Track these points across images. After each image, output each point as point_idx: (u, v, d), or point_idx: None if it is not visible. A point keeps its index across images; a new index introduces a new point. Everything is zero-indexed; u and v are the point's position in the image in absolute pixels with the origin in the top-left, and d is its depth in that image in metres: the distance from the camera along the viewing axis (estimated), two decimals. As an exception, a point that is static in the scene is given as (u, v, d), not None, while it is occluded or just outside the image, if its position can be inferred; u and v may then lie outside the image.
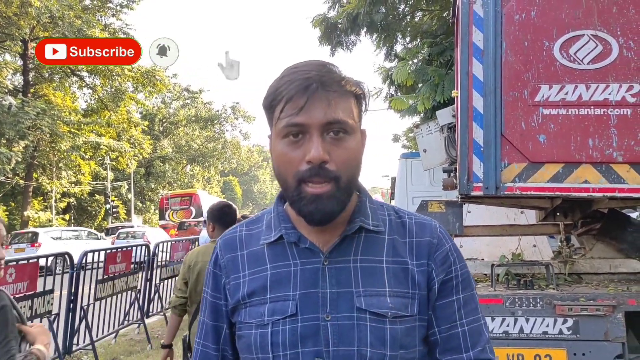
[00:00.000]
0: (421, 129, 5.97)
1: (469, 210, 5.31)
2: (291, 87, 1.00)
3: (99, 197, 41.13)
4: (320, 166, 0.98)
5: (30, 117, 28.09)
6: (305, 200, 1.00)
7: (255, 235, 1.15)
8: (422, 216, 1.18)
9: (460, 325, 1.09)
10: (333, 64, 1.07)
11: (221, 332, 1.16)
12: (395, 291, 1.05)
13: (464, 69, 3.48)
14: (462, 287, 1.11)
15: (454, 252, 1.13)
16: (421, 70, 8.95)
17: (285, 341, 1.03)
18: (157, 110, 49.19)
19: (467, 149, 3.46)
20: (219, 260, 1.16)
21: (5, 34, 30.42)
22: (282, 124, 1.01)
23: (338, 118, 1.00)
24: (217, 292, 1.16)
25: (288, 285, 1.06)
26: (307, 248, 1.08)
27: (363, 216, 1.10)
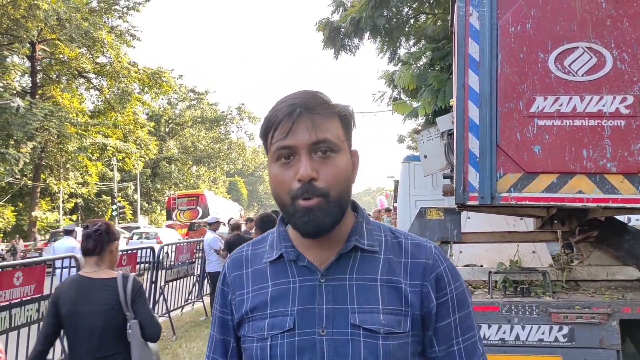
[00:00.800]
0: (422, 135, 6.02)
1: (469, 217, 5.35)
2: (279, 114, 1.08)
3: (106, 198, 41.35)
4: (309, 183, 1.05)
5: (38, 119, 28.30)
6: (299, 214, 1.07)
7: (260, 254, 1.22)
8: (418, 237, 1.23)
9: (456, 343, 1.15)
10: (319, 92, 1.15)
11: (229, 346, 1.24)
12: (388, 309, 1.11)
13: (460, 80, 3.53)
14: (458, 307, 1.16)
15: (449, 273, 1.18)
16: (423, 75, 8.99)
17: (284, 354, 1.09)
18: (163, 111, 49.39)
19: (463, 159, 3.51)
20: (226, 278, 1.24)
21: (13, 36, 30.66)
22: (273, 148, 1.09)
23: (323, 138, 1.07)
24: (224, 308, 1.23)
25: (287, 301, 1.13)
26: (305, 266, 1.14)
27: (359, 236, 1.16)
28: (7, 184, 31.25)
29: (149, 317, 3.01)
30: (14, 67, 32.49)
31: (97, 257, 3.02)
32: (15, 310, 5.10)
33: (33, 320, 5.35)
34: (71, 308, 2.91)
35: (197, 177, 54.26)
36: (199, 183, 52.73)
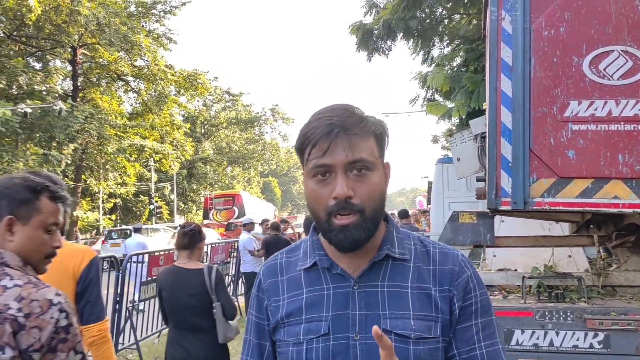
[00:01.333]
0: (455, 138, 5.99)
1: (503, 220, 5.29)
2: (316, 132, 1.13)
3: (144, 198, 42.21)
4: (345, 201, 1.10)
5: (79, 121, 29.10)
6: (335, 231, 1.12)
7: (294, 262, 1.28)
8: (445, 246, 1.28)
9: (479, 347, 1.17)
10: (355, 107, 1.20)
11: (264, 350, 1.29)
12: (419, 314, 1.15)
13: (493, 85, 3.53)
14: (481, 312, 1.19)
15: (474, 280, 1.21)
16: (456, 77, 8.91)
17: (319, 358, 1.15)
18: (199, 112, 50.12)
19: (496, 164, 3.50)
20: (262, 285, 1.30)
21: (55, 41, 31.62)
22: (310, 165, 1.14)
23: (359, 157, 1.12)
24: (260, 314, 1.29)
25: (321, 307, 1.18)
26: (338, 273, 1.20)
27: (390, 245, 1.21)
28: (49, 184, 32.20)
29: (228, 300, 3.78)
30: (57, 71, 33.50)
31: (189, 251, 3.81)
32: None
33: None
34: (170, 292, 3.76)
35: (231, 177, 54.88)
36: (233, 183, 53.33)
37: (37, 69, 32.68)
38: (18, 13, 27.75)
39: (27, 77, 29.36)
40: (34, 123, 27.92)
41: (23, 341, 1.37)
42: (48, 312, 1.42)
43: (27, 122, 26.40)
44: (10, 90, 29.58)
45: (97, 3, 29.02)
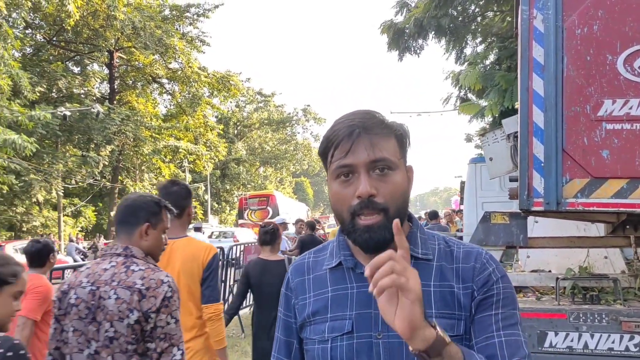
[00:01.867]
0: (487, 137, 5.93)
1: (536, 221, 5.22)
2: (339, 134, 1.16)
3: (178, 198, 42.82)
4: (369, 200, 1.12)
5: (116, 123, 29.77)
6: (359, 231, 1.15)
7: (320, 262, 1.31)
8: (470, 245, 1.28)
9: (497, 336, 1.13)
10: (376, 111, 1.22)
11: (292, 347, 1.33)
12: (441, 312, 1.16)
13: (524, 84, 3.49)
14: (503, 304, 1.17)
15: (498, 274, 1.20)
16: (489, 75, 8.80)
17: (343, 356, 1.17)
18: (232, 114, 50.66)
19: (528, 164, 3.46)
20: (290, 284, 1.34)
21: (93, 45, 32.42)
22: (333, 167, 1.17)
23: (381, 156, 1.14)
24: (288, 311, 1.33)
25: (345, 306, 1.21)
26: (362, 273, 1.19)
27: (413, 245, 1.22)
28: (88, 185, 33.09)
29: None
30: (94, 75, 34.34)
31: (271, 246, 4.71)
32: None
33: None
34: (258, 280, 4.52)
35: (264, 177, 55.29)
36: (266, 184, 53.72)
37: (75, 72, 33.59)
38: (57, 18, 28.57)
39: (66, 81, 30.22)
40: (73, 125, 28.70)
41: (144, 306, 2.06)
42: (160, 287, 2.10)
43: (66, 125, 27.15)
44: (51, 94, 30.48)
45: (133, 7, 29.64)
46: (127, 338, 2.03)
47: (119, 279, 2.10)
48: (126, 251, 2.19)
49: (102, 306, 2.06)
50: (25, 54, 31.15)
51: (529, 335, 3.65)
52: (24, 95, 22.83)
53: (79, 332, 2.07)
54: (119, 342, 2.03)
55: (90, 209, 35.43)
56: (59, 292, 2.17)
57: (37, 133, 23.80)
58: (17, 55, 27.08)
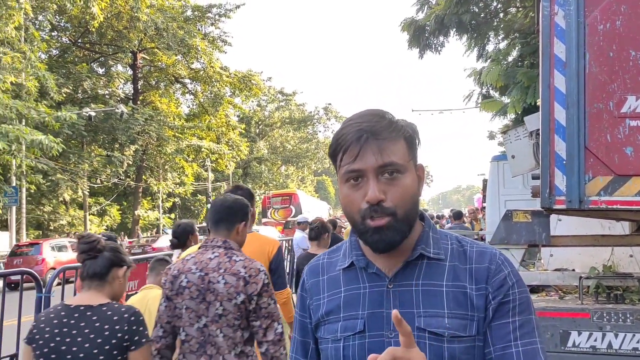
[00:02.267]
0: (509, 135, 5.87)
1: (560, 219, 5.15)
2: (347, 138, 1.16)
3: (201, 197, 43.32)
4: (378, 205, 1.13)
5: (140, 123, 30.20)
6: (369, 232, 1.15)
7: (334, 263, 1.33)
8: (483, 244, 1.27)
9: (514, 345, 1.13)
10: (385, 112, 1.23)
11: (308, 347, 1.34)
12: (453, 313, 1.16)
13: (545, 82, 3.45)
14: (519, 310, 1.16)
15: (513, 278, 1.18)
16: (512, 72, 8.69)
17: (355, 355, 1.19)
18: (253, 113, 50.94)
19: (549, 161, 3.43)
20: (305, 285, 1.36)
21: (117, 47, 32.91)
22: (342, 171, 1.18)
23: (389, 161, 1.14)
24: (304, 312, 1.34)
25: (358, 306, 1.21)
26: (374, 273, 1.22)
27: (425, 245, 1.22)
28: (113, 184, 33.62)
29: None
30: (118, 76, 34.86)
31: (317, 241, 5.17)
32: (122, 304, 5.54)
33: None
34: None
35: (286, 176, 55.49)
36: (287, 182, 53.91)
37: (100, 74, 34.13)
38: (82, 20, 29.05)
39: (91, 82, 30.73)
40: (98, 126, 29.18)
41: (249, 290, 2.48)
42: (259, 275, 2.53)
43: (92, 125, 27.63)
44: (76, 95, 31.02)
45: (156, 9, 30.00)
46: (234, 315, 2.48)
47: (225, 267, 2.55)
48: (225, 244, 2.63)
49: (212, 289, 2.50)
50: (52, 55, 31.77)
51: (552, 334, 3.61)
52: (51, 97, 23.28)
53: (190, 310, 2.50)
54: (227, 318, 2.48)
55: (115, 207, 35.99)
56: (170, 276, 2.59)
57: (63, 133, 24.26)
58: (43, 57, 27.65)
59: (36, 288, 4.49)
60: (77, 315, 2.28)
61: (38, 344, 2.24)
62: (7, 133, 17.80)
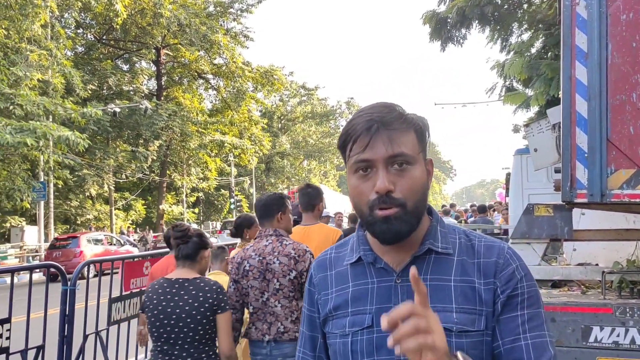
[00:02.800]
0: (532, 128, 5.79)
1: (583, 213, 5.08)
2: (357, 128, 1.15)
3: (224, 192, 43.66)
4: (387, 195, 1.13)
5: (163, 119, 30.50)
6: (377, 223, 1.15)
7: (342, 257, 1.32)
8: (492, 239, 1.26)
9: (523, 338, 1.13)
10: (396, 104, 1.22)
11: (316, 342, 1.34)
12: (462, 307, 1.15)
13: (567, 73, 3.39)
14: (528, 304, 1.16)
15: (522, 271, 1.19)
16: (535, 64, 8.54)
17: (363, 350, 1.18)
18: (276, 108, 51.08)
19: (570, 154, 3.37)
20: (313, 279, 1.36)
21: (141, 43, 33.27)
22: (352, 161, 1.17)
23: (399, 152, 1.13)
24: (312, 307, 1.34)
25: (366, 301, 1.21)
26: (382, 268, 1.22)
27: (432, 239, 1.21)
28: (138, 179, 34.08)
29: None
30: (142, 72, 35.27)
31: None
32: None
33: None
34: None
35: (308, 171, 55.57)
36: (310, 177, 53.96)
37: (124, 70, 34.57)
38: (107, 17, 29.43)
39: (115, 79, 31.16)
40: (123, 122, 29.58)
41: (299, 267, 3.12)
42: (306, 254, 3.16)
43: (117, 121, 28.00)
44: (101, 91, 31.49)
45: (178, 5, 30.24)
46: (289, 288, 3.10)
47: (278, 250, 3.16)
48: (275, 232, 3.28)
49: (269, 269, 3.12)
50: (77, 52, 32.27)
51: (573, 330, 3.57)
52: (76, 93, 23.66)
53: (255, 288, 3.14)
54: (283, 291, 3.11)
55: (140, 202, 36.48)
56: (235, 264, 3.23)
57: (89, 129, 24.66)
58: (69, 54, 28.08)
59: (61, 281, 4.61)
60: (177, 286, 2.95)
61: (149, 309, 2.93)
62: (35, 129, 18.14)
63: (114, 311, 5.09)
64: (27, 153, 20.01)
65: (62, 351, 4.50)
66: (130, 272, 5.43)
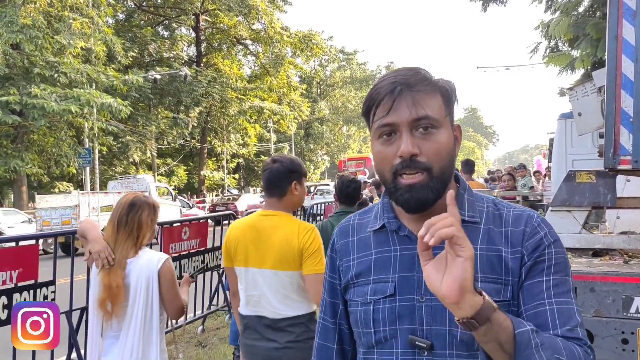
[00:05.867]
0: (576, 91, 5.55)
1: (628, 179, 4.88)
2: (380, 92, 1.11)
3: (264, 158, 44.00)
4: (411, 159, 1.08)
5: (203, 86, 30.78)
6: (401, 191, 1.10)
7: (365, 224, 1.29)
8: (521, 207, 1.21)
9: (548, 303, 1.08)
10: (421, 68, 1.16)
11: (337, 308, 1.32)
12: (487, 277, 1.11)
13: (612, 33, 3.21)
14: (555, 270, 1.11)
15: (550, 238, 1.14)
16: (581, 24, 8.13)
17: (385, 318, 1.16)
18: (315, 73, 50.78)
19: (614, 119, 3.22)
20: (335, 245, 1.33)
21: (180, 9, 33.38)
22: (375, 126, 1.13)
23: (424, 114, 1.08)
24: (333, 273, 1.32)
25: (388, 269, 1.18)
26: (405, 235, 1.19)
27: (459, 208, 1.16)
28: (179, 145, 34.67)
29: None
30: (181, 39, 35.45)
31: None
32: (184, 261, 5.76)
33: (199, 270, 6.02)
34: None
35: (347, 137, 55.38)
36: (349, 143, 53.81)
37: (164, 37, 34.82)
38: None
39: (156, 45, 31.47)
40: (163, 89, 29.98)
41: None
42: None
43: (157, 88, 28.40)
44: (142, 59, 31.88)
45: (216, -30, 30.08)
46: None
47: None
48: None
49: None
50: (118, 20, 32.63)
51: (613, 300, 3.47)
52: (118, 61, 24.05)
53: None
54: None
55: (182, 168, 37.19)
56: None
57: (131, 97, 25.10)
58: (110, 22, 28.43)
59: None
60: None
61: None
62: (79, 97, 18.59)
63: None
64: (72, 120, 20.56)
65: (105, 312, 4.66)
66: (169, 238, 5.55)
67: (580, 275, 3.37)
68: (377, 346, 1.18)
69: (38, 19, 18.32)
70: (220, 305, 6.64)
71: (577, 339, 1.05)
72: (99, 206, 15.94)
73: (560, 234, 3.74)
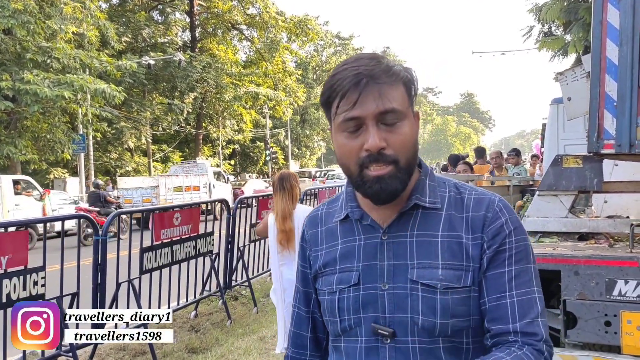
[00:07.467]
0: (566, 76, 5.55)
1: (616, 164, 4.91)
2: (344, 83, 1.08)
3: (260, 144, 43.96)
4: (379, 153, 1.09)
5: (198, 71, 30.59)
6: (369, 183, 1.11)
7: (332, 213, 1.31)
8: (483, 191, 1.21)
9: (509, 296, 1.11)
10: (381, 55, 1.16)
11: (310, 297, 1.34)
12: (448, 264, 1.12)
13: (597, 17, 3.20)
14: (516, 259, 1.13)
15: (511, 225, 1.14)
16: (574, 8, 8.10)
17: (350, 307, 1.18)
18: (310, 58, 50.54)
19: (598, 103, 3.23)
20: (305, 235, 1.35)
21: (173, -6, 33.10)
22: (339, 119, 1.11)
23: (391, 107, 1.08)
24: (304, 262, 1.34)
25: (353, 258, 1.20)
26: (369, 224, 1.20)
27: (420, 194, 1.18)
28: (174, 132, 34.55)
29: None
30: (176, 23, 35.16)
31: None
32: (176, 247, 5.78)
33: (190, 256, 6.04)
34: None
35: (343, 122, 55.19)
36: (345, 128, 53.54)
37: (158, 21, 34.53)
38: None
39: (150, 30, 31.21)
40: (158, 74, 29.80)
41: None
42: None
43: (152, 74, 28.23)
44: (136, 44, 31.64)
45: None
46: None
47: None
48: None
49: None
50: (111, 4, 32.32)
51: (596, 283, 3.51)
52: (111, 46, 23.86)
53: None
54: None
55: (177, 154, 37.10)
56: None
57: (125, 82, 24.97)
58: (103, 6, 28.17)
59: (93, 232, 4.78)
60: None
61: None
62: (72, 82, 18.47)
63: (146, 260, 5.27)
64: (65, 106, 20.45)
65: (96, 298, 4.71)
66: (160, 224, 5.57)
67: (565, 258, 3.41)
68: (344, 334, 1.21)
69: (29, 4, 18.12)
70: (213, 291, 6.67)
71: (533, 335, 1.09)
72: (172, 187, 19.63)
73: (547, 218, 3.80)
